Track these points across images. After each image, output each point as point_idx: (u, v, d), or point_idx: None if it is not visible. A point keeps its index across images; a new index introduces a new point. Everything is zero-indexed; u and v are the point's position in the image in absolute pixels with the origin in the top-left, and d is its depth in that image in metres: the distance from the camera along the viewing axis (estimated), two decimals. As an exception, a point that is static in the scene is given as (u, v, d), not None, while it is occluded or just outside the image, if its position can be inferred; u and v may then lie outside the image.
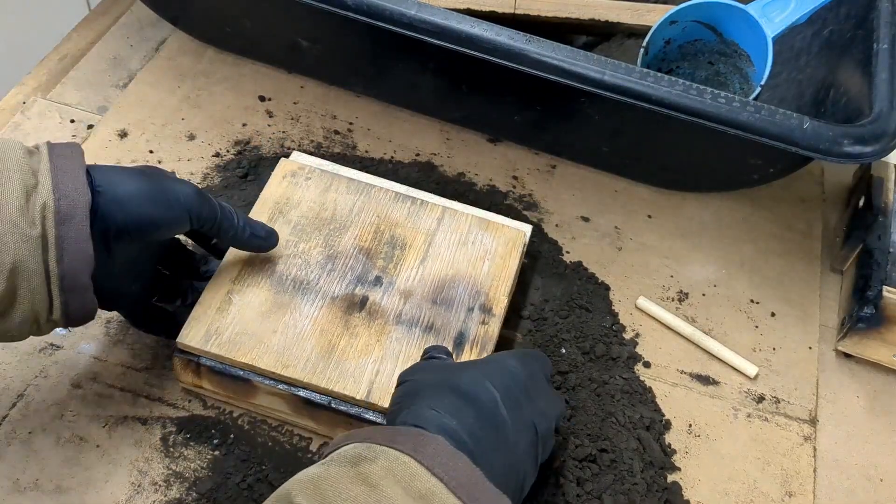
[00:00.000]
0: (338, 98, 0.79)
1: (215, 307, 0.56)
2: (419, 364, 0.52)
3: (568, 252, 0.70)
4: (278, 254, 0.59)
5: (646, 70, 0.60)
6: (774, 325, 0.68)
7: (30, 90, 0.77)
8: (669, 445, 0.60)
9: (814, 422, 0.63)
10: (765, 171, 0.67)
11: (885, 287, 0.62)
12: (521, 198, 0.74)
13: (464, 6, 0.73)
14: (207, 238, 0.59)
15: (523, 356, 0.51)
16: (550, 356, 0.62)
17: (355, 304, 0.58)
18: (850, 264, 0.70)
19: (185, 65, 0.80)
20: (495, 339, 0.58)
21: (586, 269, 0.69)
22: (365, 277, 0.59)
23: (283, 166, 0.64)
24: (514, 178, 0.75)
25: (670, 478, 0.58)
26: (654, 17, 0.74)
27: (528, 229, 0.65)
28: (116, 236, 0.49)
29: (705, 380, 0.64)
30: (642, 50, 0.72)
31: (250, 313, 0.56)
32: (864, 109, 0.60)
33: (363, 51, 0.74)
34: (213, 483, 0.54)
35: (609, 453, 0.58)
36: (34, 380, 0.58)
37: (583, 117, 0.69)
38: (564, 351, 0.63)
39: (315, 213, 0.62)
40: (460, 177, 0.74)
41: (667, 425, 0.61)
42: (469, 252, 0.61)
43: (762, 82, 0.69)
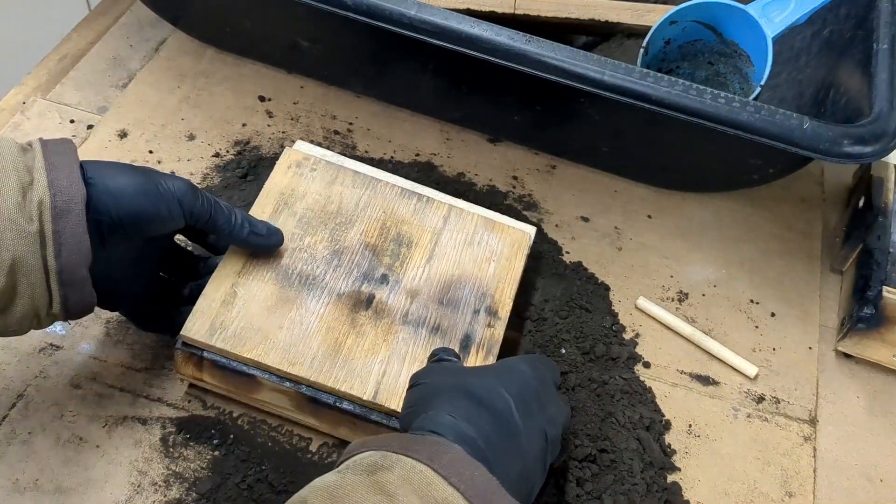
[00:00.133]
0: (338, 98, 0.79)
1: (220, 300, 0.55)
2: (431, 366, 0.52)
3: (568, 252, 0.70)
4: (284, 247, 0.59)
5: (646, 70, 0.60)
6: (774, 325, 0.68)
7: (30, 90, 0.77)
8: (669, 446, 0.60)
9: (814, 422, 0.63)
10: (765, 171, 0.67)
11: (885, 287, 0.62)
12: (521, 198, 0.74)
13: (464, 6, 0.73)
14: (205, 236, 0.59)
15: (534, 362, 0.51)
16: (550, 356, 0.62)
17: (361, 302, 0.57)
18: (850, 264, 0.70)
19: (185, 65, 0.80)
20: (500, 342, 0.58)
21: (586, 270, 0.69)
22: (371, 275, 0.59)
23: (288, 156, 0.64)
24: (514, 178, 0.75)
25: (670, 478, 0.58)
26: (654, 17, 0.74)
27: (532, 231, 0.65)
28: (110, 230, 0.49)
29: (705, 380, 0.64)
30: (642, 50, 0.72)
31: (256, 307, 0.56)
32: (864, 109, 0.60)
33: (363, 51, 0.74)
34: (212, 483, 0.54)
35: (609, 453, 0.58)
36: (34, 380, 0.58)
37: (583, 117, 0.69)
38: (564, 351, 0.63)
39: (321, 206, 0.61)
40: (460, 177, 0.74)
41: (667, 425, 0.61)
42: (475, 253, 0.61)
43: (762, 82, 0.69)
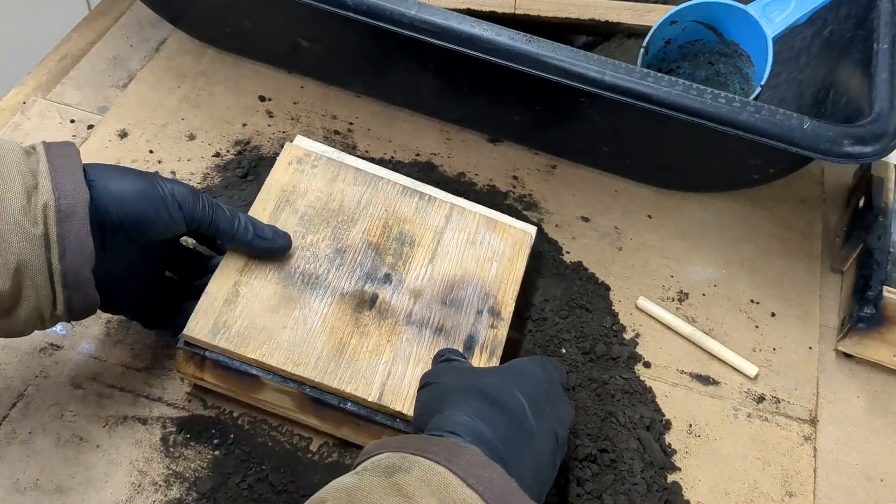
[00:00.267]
0: (338, 98, 0.79)
1: (222, 299, 0.55)
2: (441, 366, 0.52)
3: (568, 252, 0.70)
4: None
5: (646, 70, 0.60)
6: (774, 325, 0.68)
7: (30, 90, 0.77)
8: (669, 445, 0.60)
9: (814, 422, 0.63)
10: (765, 171, 0.67)
11: (885, 287, 0.62)
12: (521, 198, 0.74)
13: (464, 6, 0.73)
14: (213, 238, 0.59)
15: (543, 363, 0.51)
16: (551, 356, 0.63)
17: (365, 302, 0.57)
18: (850, 264, 0.70)
19: (185, 65, 0.80)
20: (503, 343, 0.58)
21: (586, 269, 0.69)
22: (374, 274, 0.59)
23: (289, 152, 0.63)
24: (514, 178, 0.75)
25: (670, 478, 0.58)
26: (654, 17, 0.74)
27: (533, 231, 0.65)
28: (112, 232, 0.49)
29: (705, 380, 0.64)
30: (642, 50, 0.72)
31: (259, 306, 0.55)
32: (864, 109, 0.60)
33: (363, 51, 0.74)
34: (213, 483, 0.54)
35: (609, 453, 0.58)
36: (34, 380, 0.58)
37: (583, 117, 0.69)
38: (564, 351, 0.63)
39: (322, 204, 0.61)
40: (460, 177, 0.74)
41: (667, 425, 0.61)
42: (477, 252, 0.61)
43: (762, 82, 0.69)
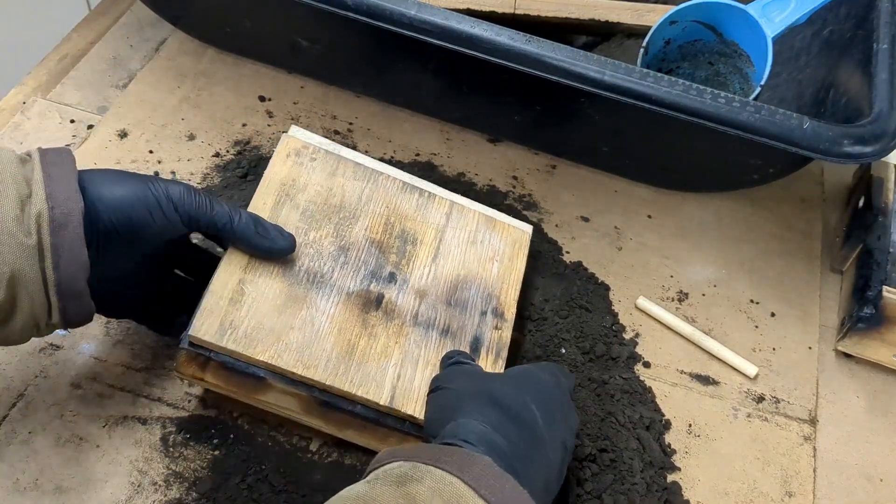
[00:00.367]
0: (338, 98, 0.79)
1: (227, 297, 0.53)
2: (452, 369, 0.52)
3: (568, 252, 0.70)
4: None
5: (646, 70, 0.60)
6: (774, 325, 0.68)
7: (30, 90, 0.77)
8: (669, 445, 0.60)
9: (814, 422, 0.63)
10: (765, 171, 0.67)
11: (885, 287, 0.62)
12: (521, 198, 0.74)
13: (464, 6, 0.73)
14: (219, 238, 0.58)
15: (553, 371, 0.51)
16: (550, 356, 0.63)
17: (371, 302, 0.57)
18: (850, 264, 0.70)
19: (185, 65, 0.80)
20: (508, 345, 0.58)
21: (586, 269, 0.69)
22: (379, 273, 0.58)
23: (287, 143, 0.61)
24: (514, 178, 0.75)
25: (670, 478, 0.58)
26: (654, 17, 0.74)
27: (529, 229, 0.65)
28: (108, 239, 0.49)
29: (705, 380, 0.64)
30: (642, 50, 0.72)
31: (265, 306, 0.54)
32: (864, 109, 0.60)
33: (363, 51, 0.74)
34: (213, 483, 0.54)
35: (609, 453, 0.58)
36: (34, 380, 0.58)
37: (583, 117, 0.69)
38: (564, 351, 0.63)
39: (323, 199, 0.60)
40: (460, 177, 0.74)
41: (667, 425, 0.61)
42: (478, 252, 0.61)
43: (762, 82, 0.69)
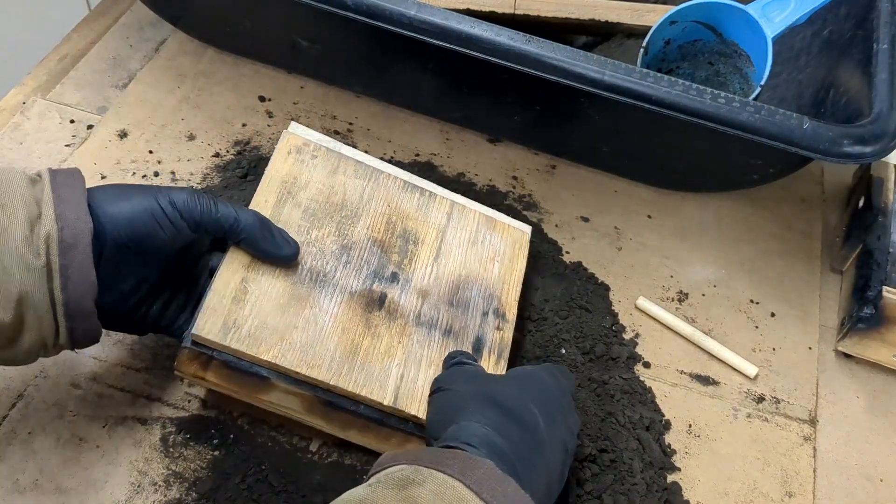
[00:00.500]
0: (338, 98, 0.79)
1: (230, 296, 0.53)
2: (453, 370, 0.52)
3: (568, 252, 0.70)
4: None
5: (646, 70, 0.60)
6: (774, 325, 0.68)
7: (30, 90, 0.77)
8: (669, 445, 0.60)
9: (814, 422, 0.63)
10: (765, 171, 0.67)
11: (885, 287, 0.62)
12: (521, 198, 0.74)
13: (464, 6, 0.73)
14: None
15: (554, 373, 0.51)
16: (550, 356, 0.63)
17: (374, 302, 0.57)
18: (850, 264, 0.70)
19: (185, 65, 0.80)
20: (510, 346, 0.58)
21: (586, 269, 0.69)
22: (381, 273, 0.58)
23: (288, 141, 0.61)
24: (514, 178, 0.75)
25: (670, 478, 0.58)
26: (654, 17, 0.74)
27: (528, 230, 0.65)
28: (120, 255, 0.49)
29: (705, 380, 0.64)
30: (642, 50, 0.72)
31: (268, 305, 0.54)
32: (863, 109, 0.60)
33: (363, 51, 0.74)
34: (212, 483, 0.54)
35: (609, 453, 0.58)
36: (34, 380, 0.58)
37: (583, 117, 0.69)
38: (564, 351, 0.63)
39: (325, 198, 0.60)
40: (460, 177, 0.74)
41: (667, 425, 0.61)
42: (479, 252, 0.62)
43: (762, 82, 0.69)
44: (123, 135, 0.73)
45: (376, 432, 0.54)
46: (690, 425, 0.62)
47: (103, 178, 0.70)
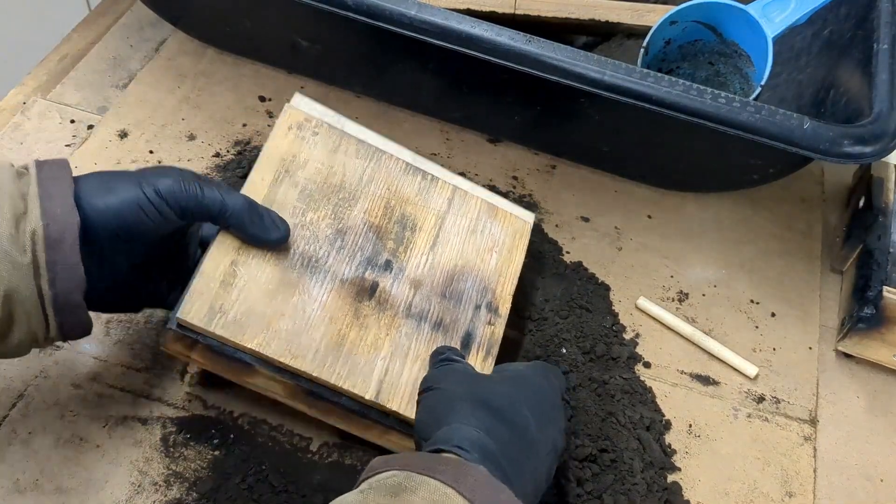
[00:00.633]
0: (338, 98, 0.79)
1: (219, 279, 0.52)
2: (443, 369, 0.51)
3: (568, 252, 0.70)
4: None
5: (646, 70, 0.60)
6: (774, 325, 0.68)
7: (30, 90, 0.77)
8: (669, 445, 0.60)
9: (814, 422, 0.63)
10: (765, 171, 0.67)
11: (885, 287, 0.62)
12: (521, 198, 0.74)
13: (464, 6, 0.73)
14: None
15: (545, 373, 0.51)
16: (550, 356, 0.63)
17: (365, 291, 0.56)
18: (850, 264, 0.70)
19: (185, 65, 0.80)
20: (500, 342, 0.58)
21: (586, 269, 0.69)
22: (375, 260, 0.57)
23: (290, 116, 0.59)
24: (514, 178, 0.75)
25: (670, 478, 0.58)
26: (654, 17, 0.74)
27: (531, 218, 0.64)
28: (108, 246, 0.48)
29: (705, 380, 0.64)
30: (642, 50, 0.72)
31: (257, 290, 0.53)
32: (864, 109, 0.60)
33: (363, 51, 0.74)
34: (213, 483, 0.54)
35: (609, 453, 0.58)
36: (34, 380, 0.58)
37: (583, 117, 0.69)
38: (564, 351, 0.63)
39: (323, 178, 0.58)
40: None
41: (667, 425, 0.61)
42: (478, 241, 0.61)
43: (762, 82, 0.69)
44: (124, 135, 0.73)
45: (357, 422, 0.54)
46: (690, 425, 0.62)
47: (103, 178, 0.70)
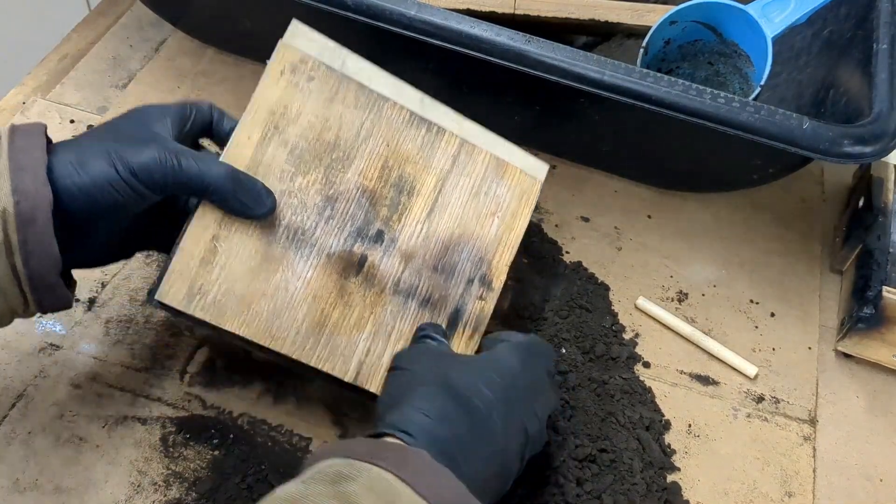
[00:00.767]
0: (338, 98, 0.79)
1: (199, 257, 0.49)
2: (415, 349, 0.51)
3: (568, 252, 0.70)
4: (272, 187, 0.51)
5: (646, 70, 0.60)
6: (774, 325, 0.68)
7: (30, 90, 0.77)
8: (669, 445, 0.60)
9: (813, 422, 0.63)
10: (765, 171, 0.67)
11: (884, 287, 0.62)
12: (520, 198, 0.74)
13: (464, 6, 0.73)
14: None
15: (527, 352, 0.50)
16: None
17: (352, 266, 0.53)
18: (850, 264, 0.70)
19: (185, 65, 0.80)
20: (488, 318, 0.57)
21: (586, 269, 0.69)
22: (366, 230, 0.54)
23: (283, 55, 0.53)
24: (514, 178, 0.75)
25: (670, 478, 0.58)
26: (654, 17, 0.74)
27: (543, 173, 0.60)
28: (82, 223, 0.47)
29: (705, 380, 0.64)
30: (642, 50, 0.72)
31: (238, 268, 0.50)
32: (864, 109, 0.60)
33: (363, 51, 0.73)
34: (212, 483, 0.54)
35: (609, 453, 0.58)
36: (34, 380, 0.58)
37: (583, 117, 0.69)
38: (564, 351, 0.63)
39: (316, 134, 0.53)
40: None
41: (666, 425, 0.61)
42: (480, 205, 0.57)
43: (762, 82, 0.69)
44: (123, 135, 0.73)
45: (333, 386, 0.54)
46: (690, 425, 0.62)
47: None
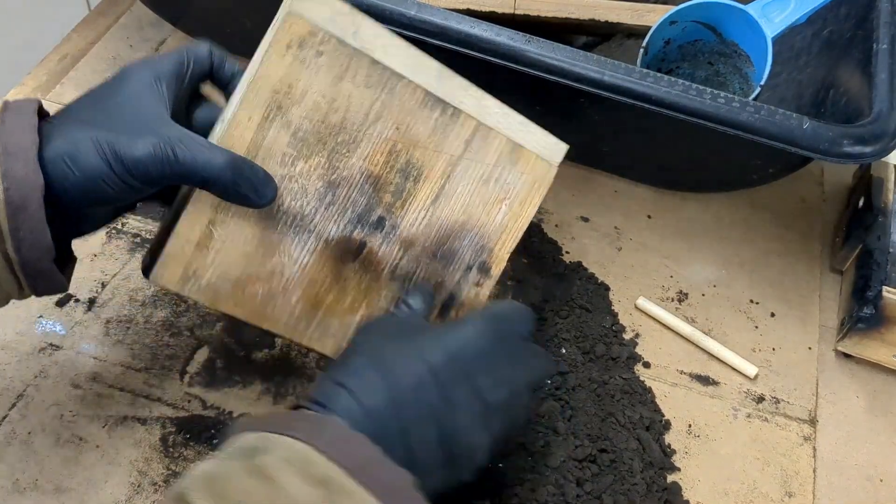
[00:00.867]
0: (338, 98, 0.79)
1: (194, 241, 0.49)
2: (379, 320, 0.51)
3: (568, 252, 0.70)
4: (272, 172, 0.49)
5: (645, 70, 0.60)
6: (774, 325, 0.68)
7: (30, 90, 0.77)
8: (669, 446, 0.60)
9: (813, 422, 0.63)
10: (765, 171, 0.67)
11: (884, 287, 0.62)
12: (520, 198, 0.74)
13: (464, 6, 0.73)
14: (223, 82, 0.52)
15: (493, 321, 0.48)
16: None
17: (350, 252, 0.52)
18: (850, 264, 0.70)
19: (185, 65, 0.80)
20: (482, 304, 0.56)
21: (586, 269, 0.69)
22: (366, 217, 0.52)
23: (289, 27, 0.48)
24: (514, 178, 0.75)
25: (670, 478, 0.58)
26: (653, 17, 0.74)
27: (559, 157, 0.57)
28: (74, 211, 0.46)
29: (705, 380, 0.64)
30: (642, 50, 0.72)
31: (234, 253, 0.50)
32: (863, 109, 0.60)
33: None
34: (212, 483, 0.54)
35: (609, 453, 0.58)
36: (34, 380, 0.58)
37: (583, 117, 0.69)
38: (564, 351, 0.63)
39: (322, 115, 0.50)
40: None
41: (666, 425, 0.61)
42: (488, 192, 0.55)
43: (762, 82, 0.69)
44: (123, 135, 0.73)
45: None
46: (690, 425, 0.62)
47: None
